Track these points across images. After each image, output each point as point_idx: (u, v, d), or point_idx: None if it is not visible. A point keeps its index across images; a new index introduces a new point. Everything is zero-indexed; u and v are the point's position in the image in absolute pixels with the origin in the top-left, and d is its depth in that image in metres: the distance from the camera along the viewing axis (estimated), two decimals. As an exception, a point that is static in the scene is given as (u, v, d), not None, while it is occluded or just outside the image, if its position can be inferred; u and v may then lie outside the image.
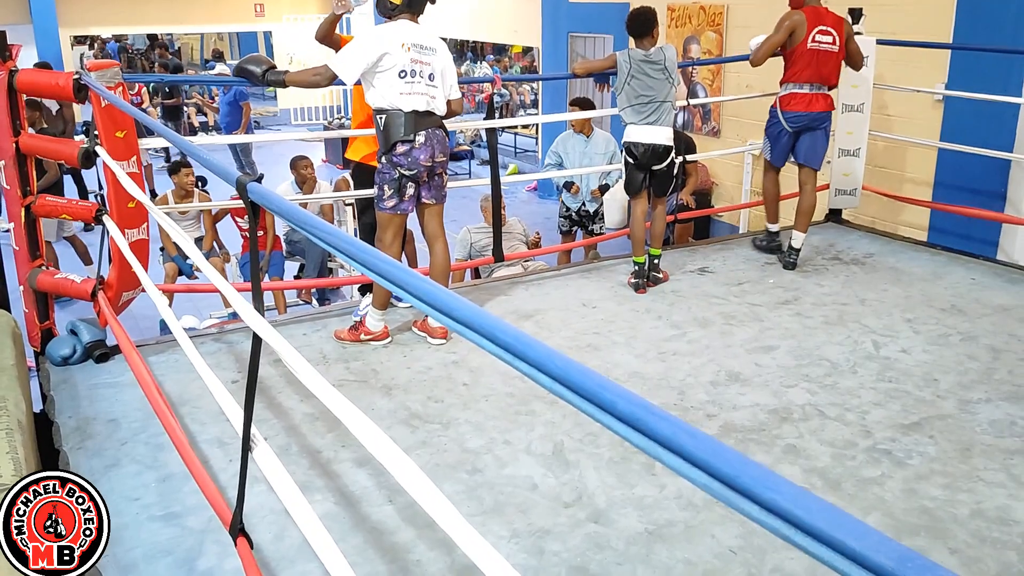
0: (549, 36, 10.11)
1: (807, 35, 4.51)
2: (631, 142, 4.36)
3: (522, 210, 9.87)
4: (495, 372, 3.41)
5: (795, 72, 4.58)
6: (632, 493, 2.64)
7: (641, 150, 4.33)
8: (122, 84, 3.45)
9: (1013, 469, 2.78)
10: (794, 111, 4.61)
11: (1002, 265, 4.85)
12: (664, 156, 4.35)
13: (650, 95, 4.30)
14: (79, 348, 3.51)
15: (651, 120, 4.31)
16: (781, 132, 4.70)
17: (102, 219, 3.49)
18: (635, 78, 4.30)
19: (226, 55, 24.11)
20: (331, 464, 2.80)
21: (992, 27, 5.12)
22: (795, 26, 4.53)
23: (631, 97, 4.32)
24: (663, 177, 4.43)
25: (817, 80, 4.57)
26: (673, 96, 4.37)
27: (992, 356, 3.63)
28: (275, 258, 6.75)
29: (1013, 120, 5.11)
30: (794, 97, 4.61)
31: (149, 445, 2.90)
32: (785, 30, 4.56)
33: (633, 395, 0.76)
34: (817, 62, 4.54)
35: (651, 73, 4.29)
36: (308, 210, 1.69)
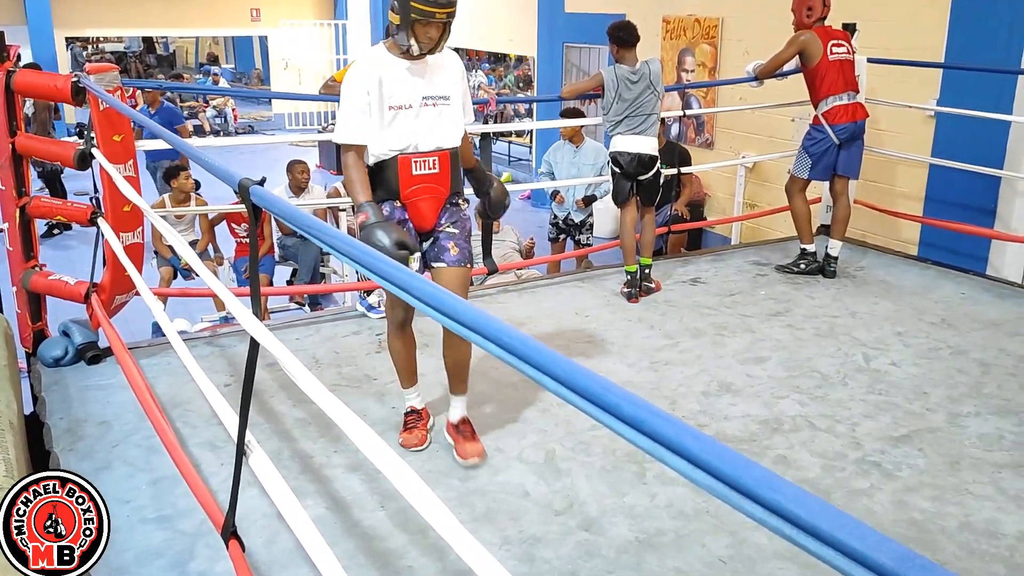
0: (544, 46, 10.15)
1: (825, 49, 4.63)
2: (617, 152, 4.40)
3: (515, 218, 9.86)
4: (488, 379, 3.42)
5: (830, 85, 4.66)
6: (623, 502, 2.65)
7: (627, 159, 4.37)
8: (121, 88, 3.45)
9: (1001, 482, 2.80)
10: (842, 123, 4.69)
11: (991, 280, 4.89)
12: (650, 166, 4.39)
13: (637, 110, 4.34)
14: (71, 350, 3.51)
15: (637, 130, 4.35)
16: (829, 148, 4.75)
17: (97, 222, 3.48)
18: (622, 96, 4.34)
19: (221, 59, 24.15)
20: (323, 469, 2.80)
21: (984, 43, 5.17)
22: (806, 44, 4.64)
23: (619, 112, 4.36)
24: (650, 187, 4.47)
25: (851, 89, 4.71)
26: (658, 108, 4.41)
27: (981, 370, 3.65)
28: (266, 262, 6.74)
29: (1004, 137, 5.16)
30: (839, 110, 4.68)
31: (141, 448, 2.90)
32: (796, 47, 4.67)
33: (637, 398, 0.78)
34: (843, 72, 4.67)
35: (638, 88, 4.33)
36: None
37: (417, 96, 2.74)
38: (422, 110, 2.76)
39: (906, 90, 5.47)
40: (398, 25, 2.64)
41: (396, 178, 2.77)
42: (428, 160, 2.79)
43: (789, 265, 4.98)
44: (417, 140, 2.76)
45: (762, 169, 6.90)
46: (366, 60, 2.78)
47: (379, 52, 2.76)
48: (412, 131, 2.76)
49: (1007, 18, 5.08)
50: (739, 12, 7.13)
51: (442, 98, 2.79)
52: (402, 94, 2.72)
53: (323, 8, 16.67)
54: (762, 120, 6.70)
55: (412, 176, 2.77)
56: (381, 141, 2.74)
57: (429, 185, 2.81)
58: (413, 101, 2.73)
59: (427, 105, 2.76)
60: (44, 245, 7.35)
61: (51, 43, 14.06)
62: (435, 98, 2.78)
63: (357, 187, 2.71)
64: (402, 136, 2.75)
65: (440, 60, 2.80)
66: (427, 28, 2.62)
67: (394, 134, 2.74)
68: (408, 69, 2.74)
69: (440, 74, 2.80)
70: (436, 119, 2.79)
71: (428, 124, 2.78)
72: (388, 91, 2.70)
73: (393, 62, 2.73)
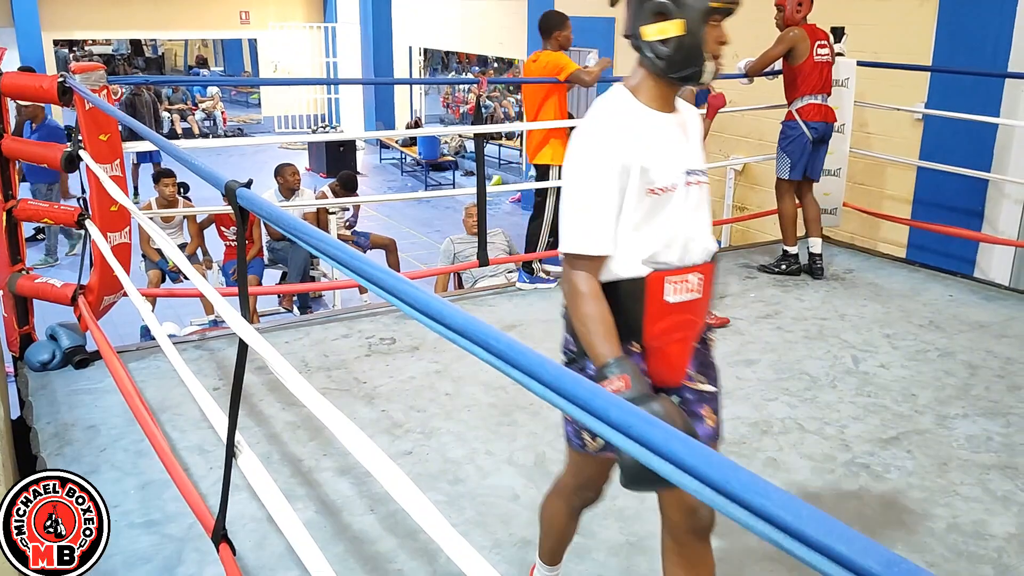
0: (535, 48, 10.14)
1: (811, 49, 4.72)
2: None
3: (505, 222, 9.89)
4: (477, 382, 3.42)
5: (809, 85, 4.76)
6: (613, 504, 2.65)
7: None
8: (107, 87, 3.44)
9: (989, 484, 2.81)
10: (816, 121, 4.80)
11: (979, 283, 4.93)
12: None
13: None
14: (58, 353, 3.48)
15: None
16: (806, 143, 4.83)
17: (84, 223, 3.47)
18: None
19: (210, 62, 24.08)
20: (313, 473, 2.79)
21: (971, 47, 5.20)
22: (796, 41, 4.73)
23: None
24: None
25: (826, 91, 4.82)
26: None
27: (969, 372, 3.67)
28: (255, 265, 6.72)
29: (991, 140, 5.19)
30: (813, 108, 4.79)
31: (129, 452, 2.88)
32: (786, 44, 4.74)
33: (624, 402, 0.78)
34: (822, 74, 4.77)
35: None
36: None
37: (680, 169, 1.73)
38: (688, 191, 1.75)
39: (894, 93, 5.50)
40: (663, 42, 1.66)
41: (640, 309, 1.72)
42: (690, 278, 1.75)
43: (770, 265, 5.05)
44: (683, 243, 1.75)
45: (751, 172, 6.92)
46: (615, 115, 1.71)
47: (626, 102, 1.73)
48: (676, 228, 1.73)
49: (994, 22, 5.11)
50: (728, 15, 7.14)
51: (701, 171, 1.80)
52: (668, 168, 1.71)
53: (313, 11, 16.65)
54: (751, 123, 6.72)
55: (665, 305, 1.73)
56: (629, 248, 1.70)
57: (686, 318, 1.77)
58: (678, 179, 1.72)
59: (691, 183, 1.76)
60: (31, 248, 7.31)
61: (39, 45, 13.99)
62: (696, 171, 1.78)
63: (598, 329, 1.65)
64: (662, 237, 1.72)
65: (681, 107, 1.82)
66: (717, 30, 1.71)
67: (652, 235, 1.71)
68: (670, 125, 1.75)
69: (690, 130, 1.81)
70: (700, 206, 1.80)
71: (694, 214, 1.77)
72: (652, 164, 1.68)
73: (649, 116, 1.72)
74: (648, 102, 1.72)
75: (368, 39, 14.96)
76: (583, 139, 1.69)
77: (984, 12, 5.15)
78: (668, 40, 1.65)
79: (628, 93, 1.73)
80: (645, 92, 1.72)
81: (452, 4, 13.11)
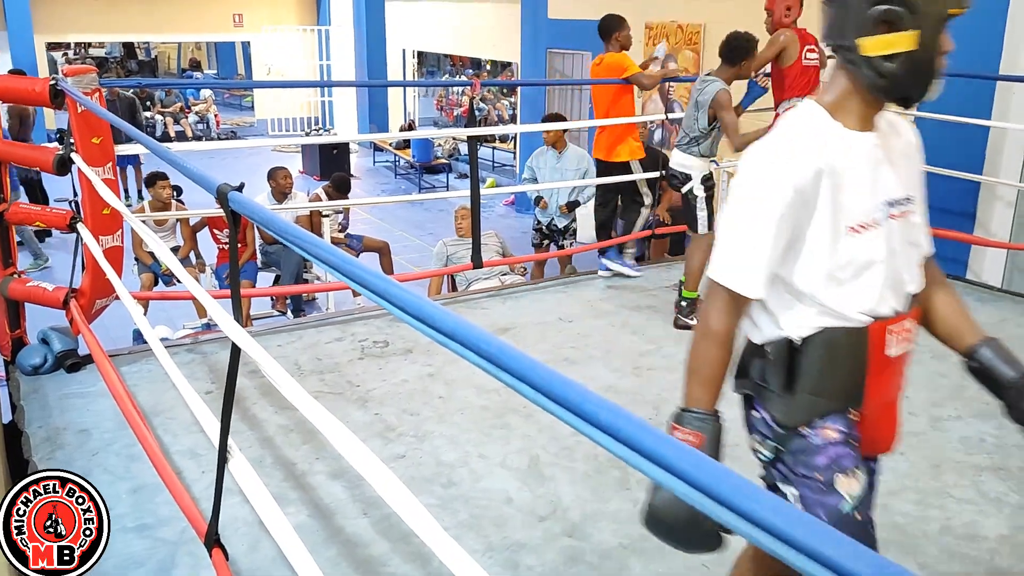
0: (528, 52, 10.17)
1: (800, 53, 4.76)
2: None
3: (499, 224, 9.89)
4: (470, 385, 3.41)
5: (799, 88, 4.79)
6: (607, 507, 2.65)
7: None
8: (99, 90, 3.43)
9: (982, 485, 2.82)
10: None
11: (971, 284, 4.94)
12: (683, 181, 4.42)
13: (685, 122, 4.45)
14: (50, 357, 3.47)
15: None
16: None
17: (76, 227, 3.45)
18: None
19: (203, 64, 24.04)
20: (305, 476, 2.79)
21: (963, 49, 5.19)
22: (787, 44, 4.76)
23: None
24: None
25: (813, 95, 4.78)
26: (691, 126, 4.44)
27: (962, 374, 3.64)
28: (248, 268, 6.71)
29: (983, 142, 5.21)
30: None
31: (121, 456, 2.87)
32: (778, 47, 4.77)
33: (615, 406, 0.77)
34: (810, 78, 4.80)
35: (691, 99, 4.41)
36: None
37: (880, 200, 1.49)
38: (891, 227, 1.51)
39: (887, 96, 5.52)
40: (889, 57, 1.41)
41: (863, 366, 1.52)
42: (905, 327, 1.58)
43: None
44: (893, 285, 1.53)
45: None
46: (801, 135, 1.45)
47: (817, 118, 1.48)
48: (886, 270, 1.51)
49: (985, 24, 5.13)
50: (721, 18, 7.15)
51: (905, 199, 1.55)
52: (868, 201, 1.47)
53: (306, 14, 16.64)
54: (745, 126, 6.72)
55: (886, 360, 1.55)
56: (837, 295, 1.48)
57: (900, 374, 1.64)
58: (879, 213, 1.49)
59: (895, 216, 1.52)
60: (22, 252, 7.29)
61: (31, 49, 13.96)
62: (901, 201, 1.54)
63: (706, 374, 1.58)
64: (874, 283, 1.50)
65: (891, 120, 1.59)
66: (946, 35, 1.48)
67: (862, 280, 1.49)
68: (869, 146, 1.49)
69: (897, 151, 1.56)
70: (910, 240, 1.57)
71: (903, 251, 1.55)
72: (848, 196, 1.45)
73: (845, 138, 1.47)
74: (847, 121, 1.47)
75: (362, 42, 14.95)
76: (759, 158, 1.45)
77: (975, 15, 5.16)
78: (896, 55, 1.40)
79: (823, 111, 1.48)
80: (845, 110, 1.47)
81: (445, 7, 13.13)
